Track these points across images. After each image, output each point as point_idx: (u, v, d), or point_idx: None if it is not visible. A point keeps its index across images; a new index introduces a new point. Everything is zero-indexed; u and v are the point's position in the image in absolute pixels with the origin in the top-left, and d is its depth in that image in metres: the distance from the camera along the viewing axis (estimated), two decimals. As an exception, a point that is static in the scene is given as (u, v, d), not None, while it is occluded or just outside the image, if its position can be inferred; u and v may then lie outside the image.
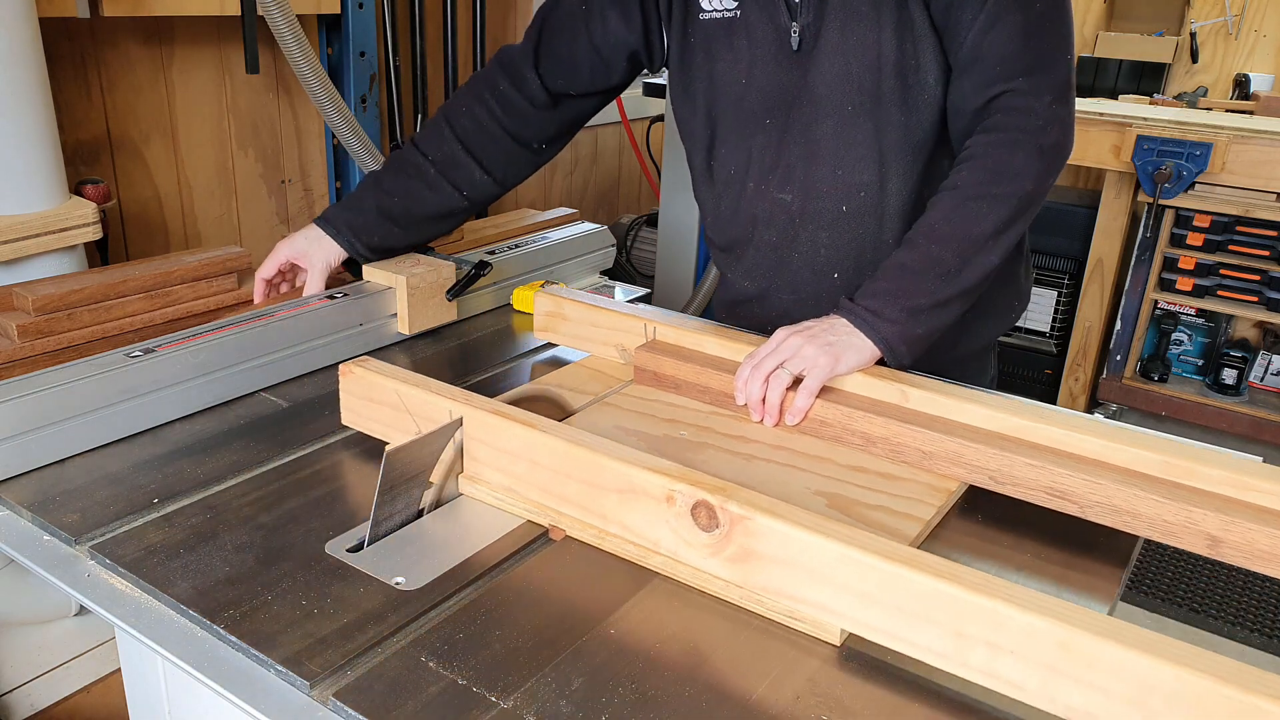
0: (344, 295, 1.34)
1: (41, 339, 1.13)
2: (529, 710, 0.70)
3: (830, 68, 1.19)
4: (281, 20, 1.79)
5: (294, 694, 0.73)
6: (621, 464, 0.86)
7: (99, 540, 0.89)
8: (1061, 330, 3.26)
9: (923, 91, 1.18)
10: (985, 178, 1.12)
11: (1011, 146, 1.12)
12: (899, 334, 1.10)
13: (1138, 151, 2.79)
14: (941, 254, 1.11)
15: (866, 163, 1.22)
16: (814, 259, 1.29)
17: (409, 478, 0.92)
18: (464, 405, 0.96)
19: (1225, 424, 2.97)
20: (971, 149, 1.15)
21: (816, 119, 1.22)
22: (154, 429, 1.10)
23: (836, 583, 0.76)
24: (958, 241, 1.11)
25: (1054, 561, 0.93)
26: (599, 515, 0.90)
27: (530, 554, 0.90)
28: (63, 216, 1.46)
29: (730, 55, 1.25)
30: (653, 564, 0.87)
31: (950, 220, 1.13)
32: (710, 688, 0.74)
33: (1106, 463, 0.97)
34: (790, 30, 1.20)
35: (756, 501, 0.81)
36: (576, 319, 1.32)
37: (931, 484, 1.01)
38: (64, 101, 1.72)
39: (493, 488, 0.96)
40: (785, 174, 1.27)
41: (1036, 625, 0.68)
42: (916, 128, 1.20)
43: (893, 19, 1.15)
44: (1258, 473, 0.92)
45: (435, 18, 2.46)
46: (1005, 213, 1.12)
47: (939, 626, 0.72)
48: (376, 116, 2.26)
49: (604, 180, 3.44)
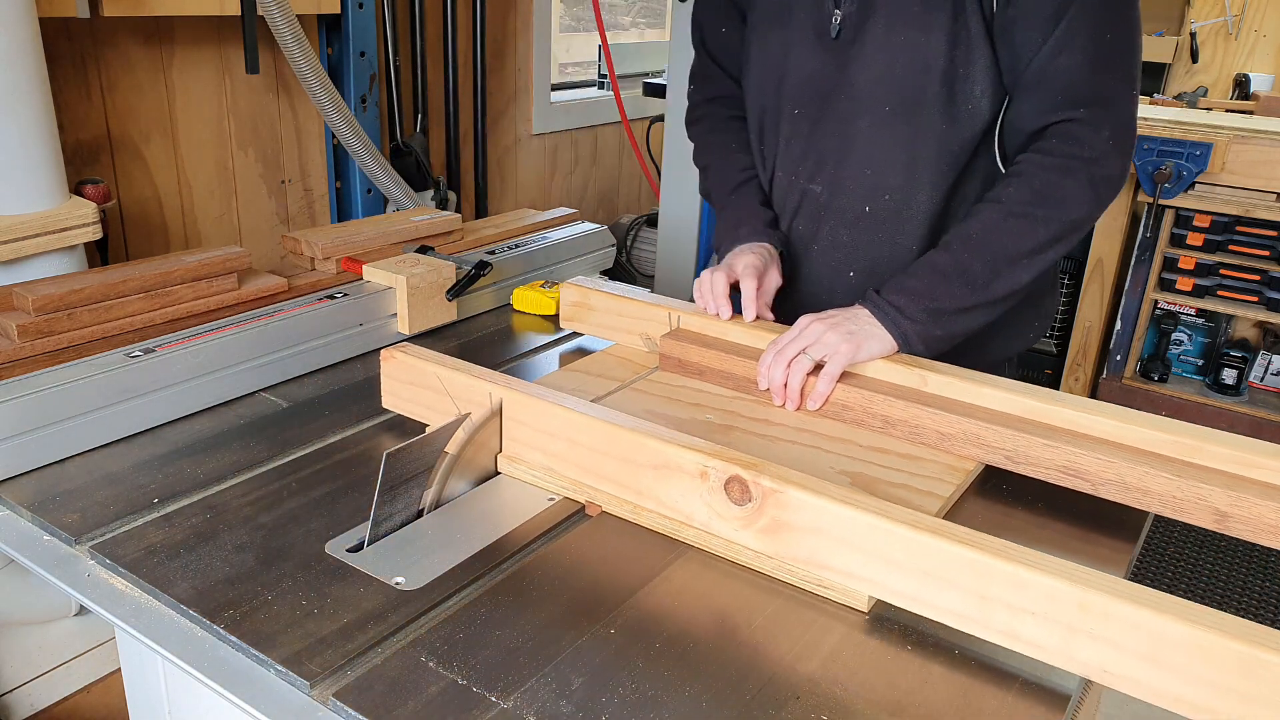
0: (344, 295, 1.34)
1: (41, 339, 1.13)
2: (529, 710, 0.70)
3: (872, 64, 1.18)
4: (281, 20, 1.79)
5: (294, 694, 0.73)
6: (658, 442, 0.90)
7: (99, 540, 0.89)
8: (1061, 330, 3.26)
9: (968, 103, 1.16)
10: (1031, 197, 1.11)
11: (1063, 172, 1.10)
12: (919, 332, 1.11)
13: (1138, 151, 2.79)
14: (973, 263, 1.11)
15: (897, 166, 1.21)
16: (832, 255, 1.29)
17: (409, 478, 0.92)
18: (504, 389, 1.00)
19: (1225, 424, 2.97)
20: (1022, 166, 1.13)
21: (852, 115, 1.21)
22: (154, 429, 1.10)
23: (866, 550, 0.80)
24: (992, 254, 1.11)
25: (1069, 535, 0.97)
26: (635, 491, 0.93)
27: (568, 529, 0.94)
28: (63, 216, 1.46)
29: (776, 35, 1.26)
30: (686, 536, 0.91)
31: (989, 232, 1.12)
32: (741, 655, 0.77)
33: (1118, 443, 0.99)
34: (832, 17, 1.20)
35: (789, 476, 0.84)
36: (603, 309, 1.35)
37: (950, 464, 1.05)
38: (64, 101, 1.73)
39: (531, 466, 1.00)
40: (816, 165, 1.27)
41: (1056, 587, 0.71)
42: (955, 139, 1.18)
43: (945, 25, 1.13)
44: (1263, 450, 0.94)
45: (435, 18, 2.46)
46: (1044, 235, 1.11)
47: (963, 590, 0.75)
48: (376, 116, 2.26)
49: (604, 180, 3.44)
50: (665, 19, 4.07)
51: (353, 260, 1.44)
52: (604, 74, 3.36)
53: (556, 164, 3.15)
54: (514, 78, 2.87)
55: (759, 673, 0.75)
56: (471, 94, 2.63)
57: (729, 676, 0.75)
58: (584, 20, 3.63)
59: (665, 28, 4.05)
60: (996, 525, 0.97)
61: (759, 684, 0.74)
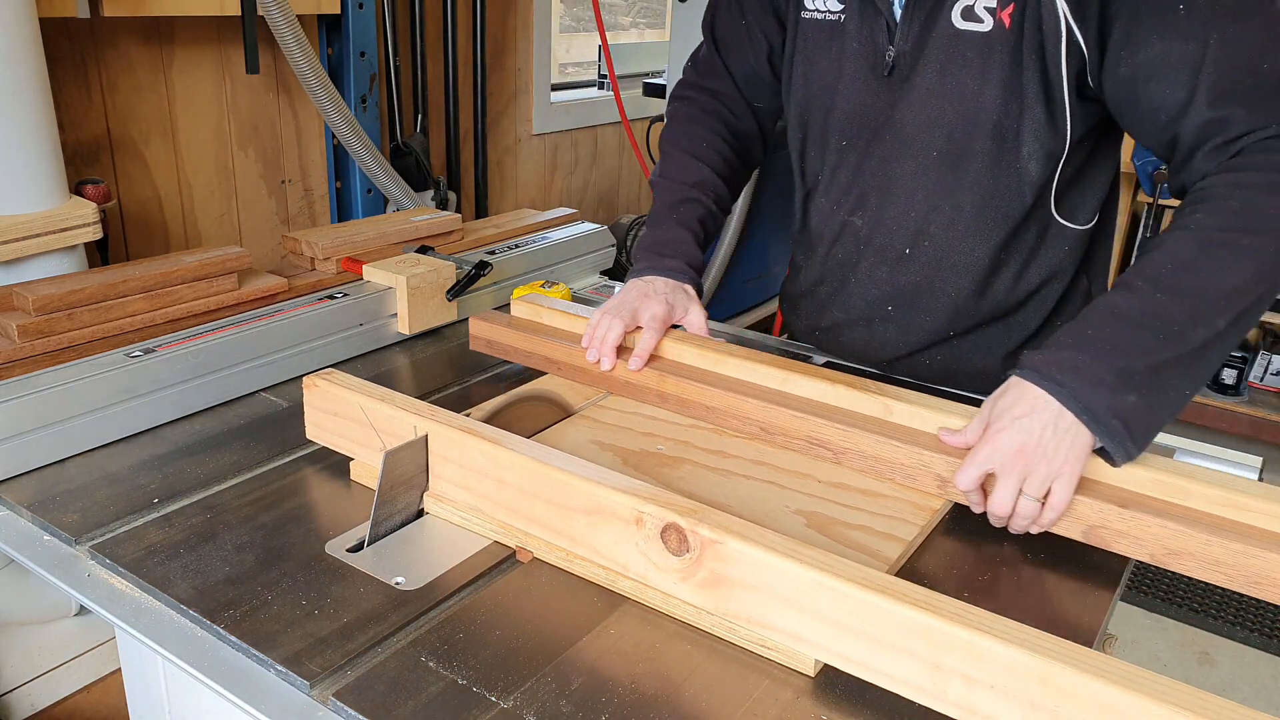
0: (344, 295, 1.34)
1: (41, 339, 1.13)
2: (529, 710, 0.70)
3: (922, 107, 1.12)
4: (281, 20, 1.79)
5: (294, 694, 0.73)
6: (589, 484, 0.83)
7: (99, 540, 0.89)
8: (1061, 330, 3.25)
9: (1015, 161, 1.09)
10: (1232, 222, 0.90)
11: (1270, 191, 0.90)
12: (1108, 405, 0.86)
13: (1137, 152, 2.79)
14: (1169, 307, 0.88)
15: (939, 213, 1.15)
16: (870, 289, 1.25)
17: (409, 478, 0.92)
18: (429, 420, 0.92)
19: (1225, 424, 2.97)
20: (1210, 188, 0.93)
21: (898, 155, 1.16)
22: (154, 429, 1.10)
23: (810, 611, 0.73)
24: (1193, 295, 0.88)
25: (1046, 579, 0.90)
26: (567, 537, 0.86)
27: (496, 577, 0.86)
28: (63, 216, 1.46)
29: (825, 61, 1.20)
30: (622, 588, 0.84)
31: (1187, 268, 0.90)
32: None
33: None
34: (886, 53, 1.13)
35: (729, 525, 0.77)
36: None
37: (916, 502, 0.98)
38: (64, 101, 1.72)
39: (458, 506, 0.93)
40: (859, 200, 1.22)
41: (1016, 659, 0.65)
42: (1004, 195, 1.11)
43: (1000, 76, 1.05)
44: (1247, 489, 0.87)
45: (435, 18, 2.46)
46: (1254, 268, 0.88)
47: (915, 658, 0.69)
48: (376, 116, 2.26)
49: (604, 180, 3.44)
50: (665, 19, 4.08)
51: (353, 260, 1.44)
52: (604, 74, 3.36)
53: (556, 164, 3.15)
54: (514, 78, 2.87)
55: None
56: (471, 94, 2.63)
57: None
58: (584, 20, 3.63)
59: (665, 28, 4.05)
60: (967, 569, 0.90)
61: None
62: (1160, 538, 0.86)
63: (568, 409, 1.17)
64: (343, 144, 2.02)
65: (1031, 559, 0.93)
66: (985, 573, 0.91)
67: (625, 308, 1.18)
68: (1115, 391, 0.86)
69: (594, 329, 1.18)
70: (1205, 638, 2.47)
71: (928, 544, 0.94)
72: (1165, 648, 2.43)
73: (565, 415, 1.15)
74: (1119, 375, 0.87)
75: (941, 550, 0.94)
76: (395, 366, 1.33)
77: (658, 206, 1.31)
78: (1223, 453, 1.12)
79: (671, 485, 0.99)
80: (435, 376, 1.29)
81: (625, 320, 1.16)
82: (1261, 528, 0.85)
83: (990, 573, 0.91)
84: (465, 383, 1.27)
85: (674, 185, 1.30)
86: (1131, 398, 0.87)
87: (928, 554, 0.93)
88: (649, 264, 1.23)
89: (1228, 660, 2.40)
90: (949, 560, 0.92)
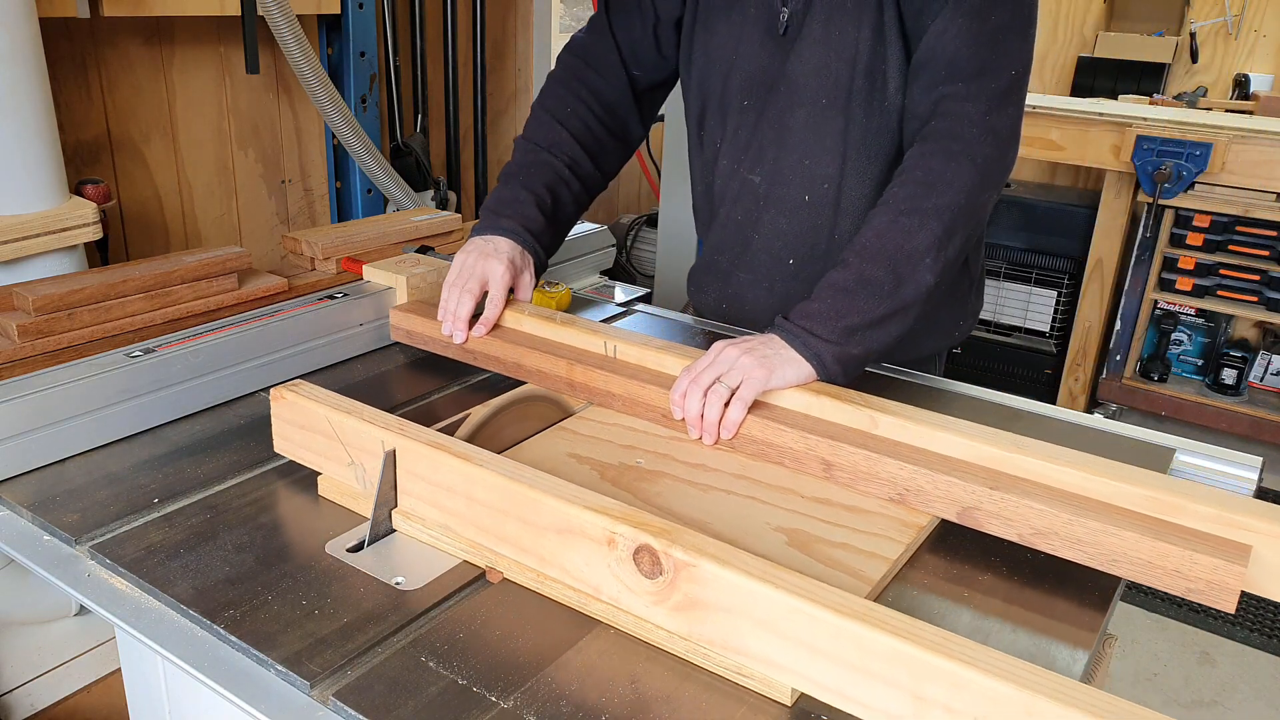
0: (344, 295, 1.34)
1: (41, 339, 1.13)
2: (529, 710, 0.70)
3: (810, 58, 1.21)
4: (281, 20, 1.79)
5: (294, 694, 0.73)
6: (560, 502, 0.79)
7: (99, 540, 0.89)
8: (1061, 330, 3.26)
9: (884, 97, 1.19)
10: (916, 191, 1.10)
11: (945, 157, 1.11)
12: (834, 353, 1.07)
13: (1137, 151, 2.79)
14: (874, 272, 1.08)
15: (831, 156, 1.24)
16: (772, 243, 1.32)
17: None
18: (397, 435, 0.89)
19: (1225, 424, 2.97)
20: (907, 161, 1.14)
21: (791, 106, 1.24)
22: (154, 429, 1.10)
23: (787, 637, 0.70)
24: (890, 259, 1.08)
25: (1036, 600, 0.88)
26: (538, 557, 0.83)
27: (465, 597, 0.84)
28: (63, 216, 1.46)
29: (724, 29, 1.27)
30: (594, 611, 0.81)
31: (882, 237, 1.10)
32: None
33: (1085, 496, 0.90)
34: (780, 14, 1.22)
35: (704, 546, 0.74)
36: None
37: (901, 519, 0.95)
38: (64, 101, 1.73)
39: (428, 525, 0.90)
40: (756, 156, 1.29)
41: (1000, 690, 0.62)
42: (878, 131, 1.21)
43: (871, 19, 1.16)
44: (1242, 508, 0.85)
45: (435, 18, 2.46)
46: (938, 228, 1.09)
47: (895, 687, 0.67)
48: (376, 116, 2.26)
49: (604, 180, 3.44)
50: (665, 19, 4.07)
51: (353, 260, 1.44)
52: (604, 74, 3.36)
53: (556, 164, 3.15)
54: (514, 78, 2.87)
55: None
56: (471, 94, 2.63)
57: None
58: (584, 20, 3.63)
59: (665, 28, 4.04)
60: (953, 588, 0.88)
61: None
62: (1028, 518, 0.89)
63: (567, 410, 1.17)
64: (343, 144, 2.02)
65: (1021, 572, 0.91)
66: (984, 574, 0.91)
67: (473, 276, 1.23)
68: (839, 345, 1.07)
69: (444, 303, 1.24)
70: (1205, 638, 2.47)
71: (915, 561, 0.92)
72: (1165, 648, 2.43)
73: (566, 415, 1.15)
74: (842, 332, 1.07)
75: (928, 569, 0.91)
76: (395, 367, 1.33)
77: (509, 165, 1.37)
78: (1222, 453, 1.11)
79: (650, 501, 0.97)
80: (435, 377, 1.29)
81: (474, 291, 1.22)
82: (1126, 508, 0.89)
83: (987, 580, 0.91)
84: (465, 383, 1.27)
85: (529, 145, 1.36)
86: (854, 350, 1.07)
87: (916, 571, 0.90)
88: (488, 223, 1.29)
89: (1228, 660, 2.40)
90: (941, 573, 0.91)
